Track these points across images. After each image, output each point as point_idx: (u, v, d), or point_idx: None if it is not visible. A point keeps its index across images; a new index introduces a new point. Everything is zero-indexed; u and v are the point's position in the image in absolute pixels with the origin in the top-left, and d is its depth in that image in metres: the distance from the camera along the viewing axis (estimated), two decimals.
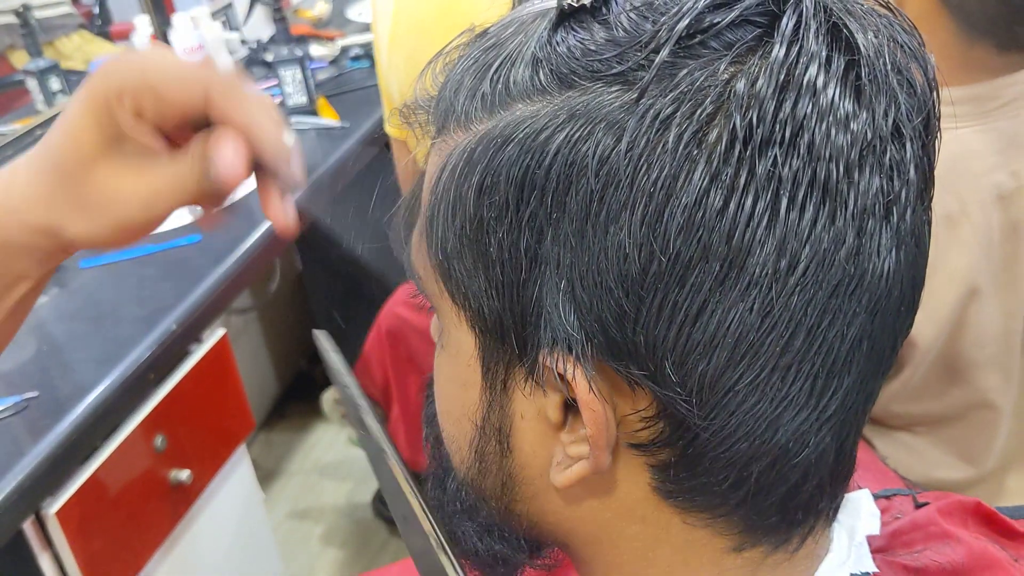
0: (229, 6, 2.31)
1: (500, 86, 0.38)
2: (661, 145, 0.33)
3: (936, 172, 0.82)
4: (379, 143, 1.92)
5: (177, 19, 1.99)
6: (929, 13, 0.89)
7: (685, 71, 0.34)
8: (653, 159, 0.33)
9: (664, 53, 0.34)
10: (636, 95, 0.34)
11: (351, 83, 2.09)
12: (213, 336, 1.42)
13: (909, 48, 0.36)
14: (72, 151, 0.44)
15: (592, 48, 0.36)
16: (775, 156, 0.33)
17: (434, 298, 0.42)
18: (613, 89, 0.35)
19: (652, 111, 0.34)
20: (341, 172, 1.76)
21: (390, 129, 1.50)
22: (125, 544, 1.25)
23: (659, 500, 0.41)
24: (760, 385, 0.36)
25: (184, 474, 1.32)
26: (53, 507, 1.12)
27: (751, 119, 0.33)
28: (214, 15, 2.18)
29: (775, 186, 0.33)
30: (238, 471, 1.50)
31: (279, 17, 1.97)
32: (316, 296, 2.43)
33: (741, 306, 0.34)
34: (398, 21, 1.36)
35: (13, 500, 1.05)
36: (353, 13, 2.58)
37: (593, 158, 0.34)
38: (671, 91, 0.34)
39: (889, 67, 0.35)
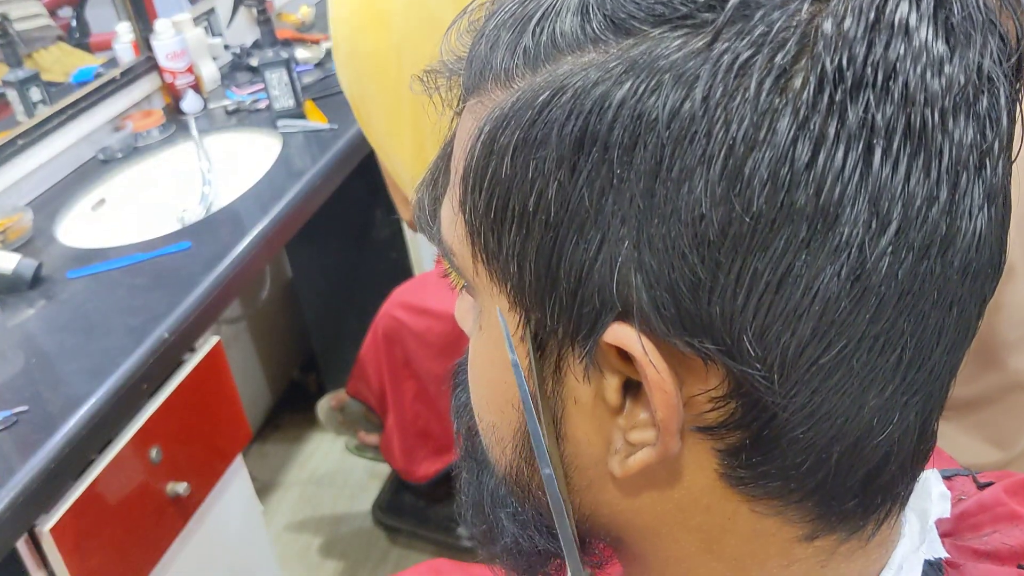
0: (212, 11, 2.28)
1: (545, 38, 0.35)
2: (740, 93, 0.30)
3: None
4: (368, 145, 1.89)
5: (159, 25, 1.95)
6: None
7: (761, 12, 0.31)
8: (731, 109, 0.30)
9: None
10: (709, 39, 0.31)
11: (337, 85, 2.04)
12: (207, 344, 1.38)
13: None
14: None
15: None
16: (868, 100, 0.30)
17: (470, 275, 0.39)
18: (679, 34, 0.32)
19: (728, 56, 0.30)
20: (331, 174, 1.72)
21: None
22: (122, 560, 1.21)
23: (726, 487, 0.37)
24: (847, 358, 0.33)
25: (181, 487, 1.28)
26: (47, 524, 1.08)
27: (840, 61, 0.30)
28: (196, 20, 2.14)
29: (867, 135, 0.30)
30: (235, 482, 1.46)
31: (264, 19, 1.93)
32: (308, 303, 2.39)
33: (829, 271, 0.31)
34: (334, 27, 1.35)
35: (6, 518, 1.01)
36: None
37: (664, 110, 0.31)
38: (747, 34, 0.31)
39: (981, 6, 0.32)
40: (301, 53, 2.20)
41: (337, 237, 2.21)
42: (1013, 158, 0.35)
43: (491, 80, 0.37)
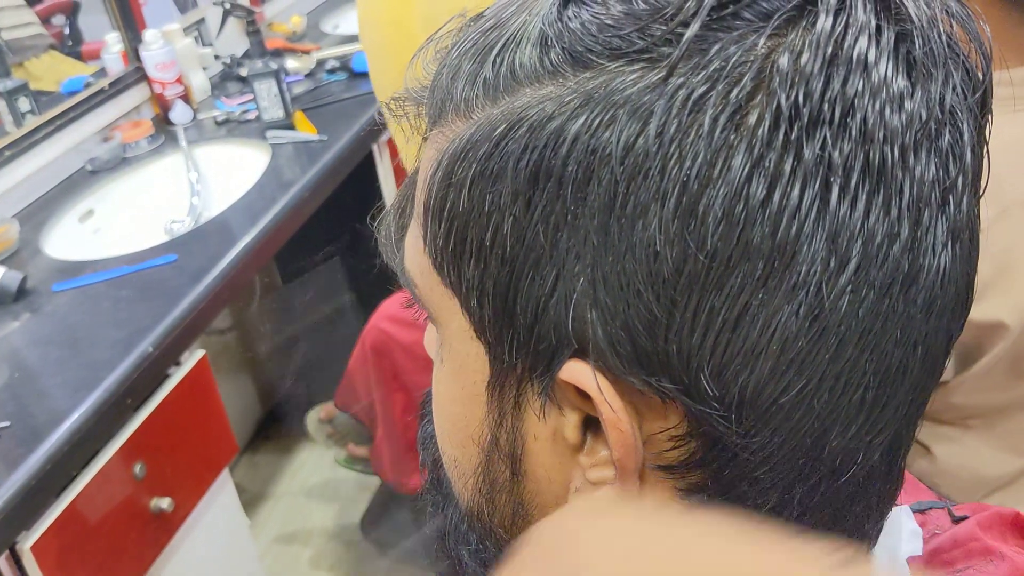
0: (202, 21, 2.27)
1: (504, 69, 0.34)
2: (695, 129, 0.30)
3: (1012, 153, 0.79)
4: (358, 156, 1.89)
5: (148, 35, 1.95)
6: None
7: (718, 46, 0.30)
8: (686, 145, 0.30)
9: (695, 27, 0.30)
10: (664, 74, 0.30)
11: (328, 96, 2.05)
12: (192, 358, 1.37)
13: (962, 19, 0.33)
14: None
15: (609, 23, 0.32)
16: (825, 138, 0.29)
17: (432, 307, 0.39)
18: (635, 68, 0.31)
19: (683, 91, 0.30)
20: (320, 185, 1.72)
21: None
22: None
23: None
24: (807, 398, 0.32)
25: (165, 502, 1.27)
26: (28, 541, 1.07)
27: (796, 98, 0.29)
28: (186, 30, 2.14)
29: (824, 172, 0.30)
30: (221, 497, 1.45)
31: (253, 30, 1.93)
32: (298, 314, 2.38)
33: (787, 309, 0.31)
34: (361, 24, 1.36)
35: None
36: (328, 26, 2.54)
37: (617, 145, 0.31)
38: (703, 69, 0.30)
39: (944, 40, 0.31)
40: (291, 63, 2.20)
41: (327, 248, 2.20)
42: (980, 193, 0.34)
43: (452, 111, 0.36)
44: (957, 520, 0.48)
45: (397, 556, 2.03)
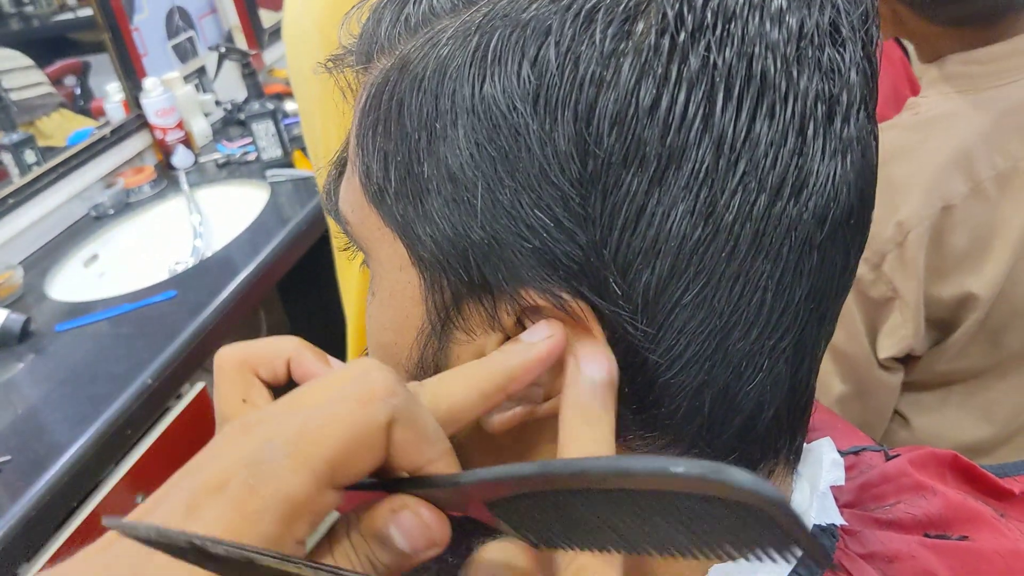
0: (202, 70, 2.32)
1: (424, 7, 0.37)
2: (588, 37, 0.32)
3: (984, 131, 0.82)
4: None
5: (148, 83, 2.00)
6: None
7: None
8: (580, 53, 0.32)
9: None
10: None
11: None
12: (192, 391, 1.39)
13: None
14: None
15: None
16: (708, 42, 0.31)
17: (363, 240, 0.40)
18: None
19: (577, 4, 0.32)
20: (318, 219, 1.74)
21: None
22: None
23: None
24: (708, 298, 0.34)
25: None
26: (29, 573, 1.08)
27: (680, 8, 0.31)
28: (187, 78, 2.19)
29: (710, 77, 0.31)
30: None
31: (248, 72, 1.97)
32: None
33: (681, 207, 0.32)
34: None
35: None
36: None
37: (524, 58, 0.33)
38: None
39: None
40: (291, 106, 2.24)
41: (332, 284, 2.22)
42: (871, 112, 0.35)
43: (377, 52, 0.38)
44: (890, 459, 0.48)
45: None
